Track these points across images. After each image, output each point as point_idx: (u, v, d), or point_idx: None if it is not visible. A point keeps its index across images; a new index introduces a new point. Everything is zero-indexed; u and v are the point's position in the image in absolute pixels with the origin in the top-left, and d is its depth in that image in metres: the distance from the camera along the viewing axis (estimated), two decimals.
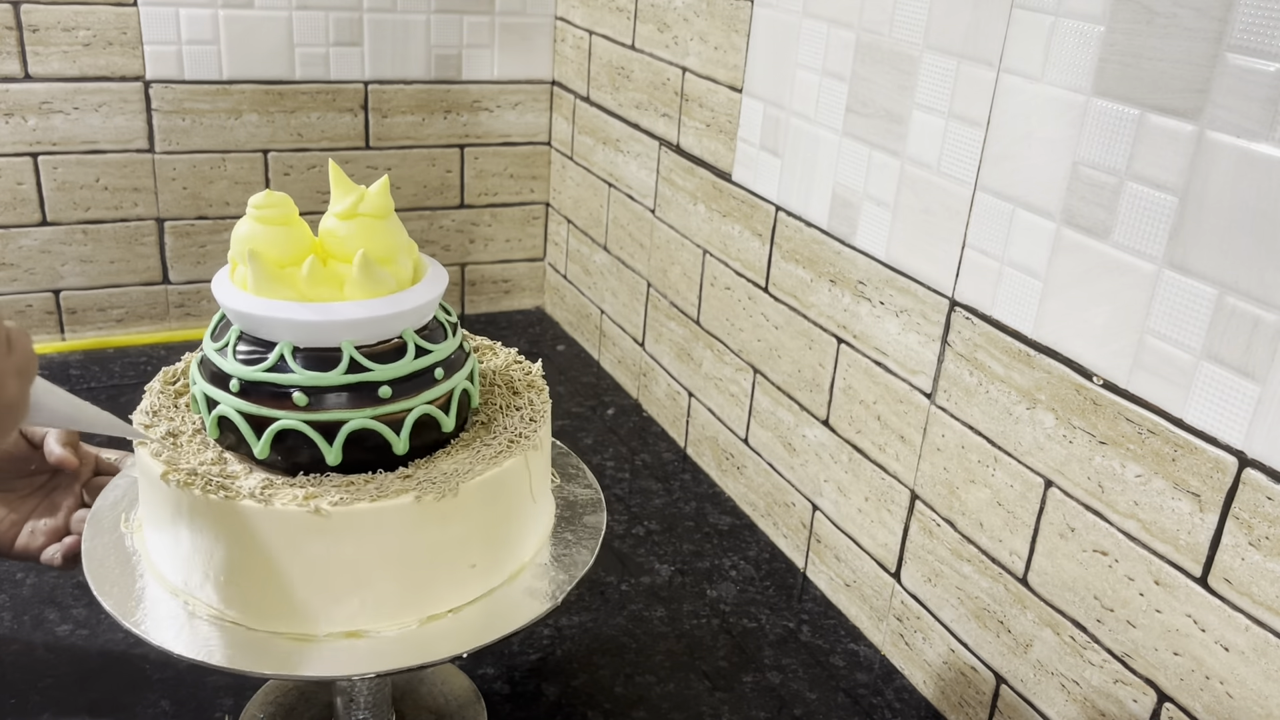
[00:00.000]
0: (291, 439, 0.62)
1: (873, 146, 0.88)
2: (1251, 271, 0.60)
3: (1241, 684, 0.63)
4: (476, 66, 1.43)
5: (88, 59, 1.26)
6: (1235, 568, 0.62)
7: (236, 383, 0.63)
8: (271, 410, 0.62)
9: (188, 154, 1.34)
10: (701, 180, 1.14)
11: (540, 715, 0.84)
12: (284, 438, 0.62)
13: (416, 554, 0.63)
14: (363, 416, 0.62)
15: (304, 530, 0.60)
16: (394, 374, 0.63)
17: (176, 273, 1.39)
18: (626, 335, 1.35)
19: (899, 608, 0.91)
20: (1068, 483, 0.73)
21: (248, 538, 0.61)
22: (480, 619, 0.65)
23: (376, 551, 0.62)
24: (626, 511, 1.11)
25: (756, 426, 1.09)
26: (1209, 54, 0.61)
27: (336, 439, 0.62)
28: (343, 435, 0.62)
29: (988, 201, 0.77)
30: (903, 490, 0.89)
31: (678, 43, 1.15)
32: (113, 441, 0.82)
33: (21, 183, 1.28)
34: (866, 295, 0.91)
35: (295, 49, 1.34)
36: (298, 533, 0.60)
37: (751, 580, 1.02)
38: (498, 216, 1.53)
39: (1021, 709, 0.79)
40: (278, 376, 0.62)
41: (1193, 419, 0.64)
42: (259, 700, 0.80)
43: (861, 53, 0.87)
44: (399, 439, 0.63)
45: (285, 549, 0.61)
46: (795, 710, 0.87)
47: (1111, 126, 0.67)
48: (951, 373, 0.82)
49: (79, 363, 1.32)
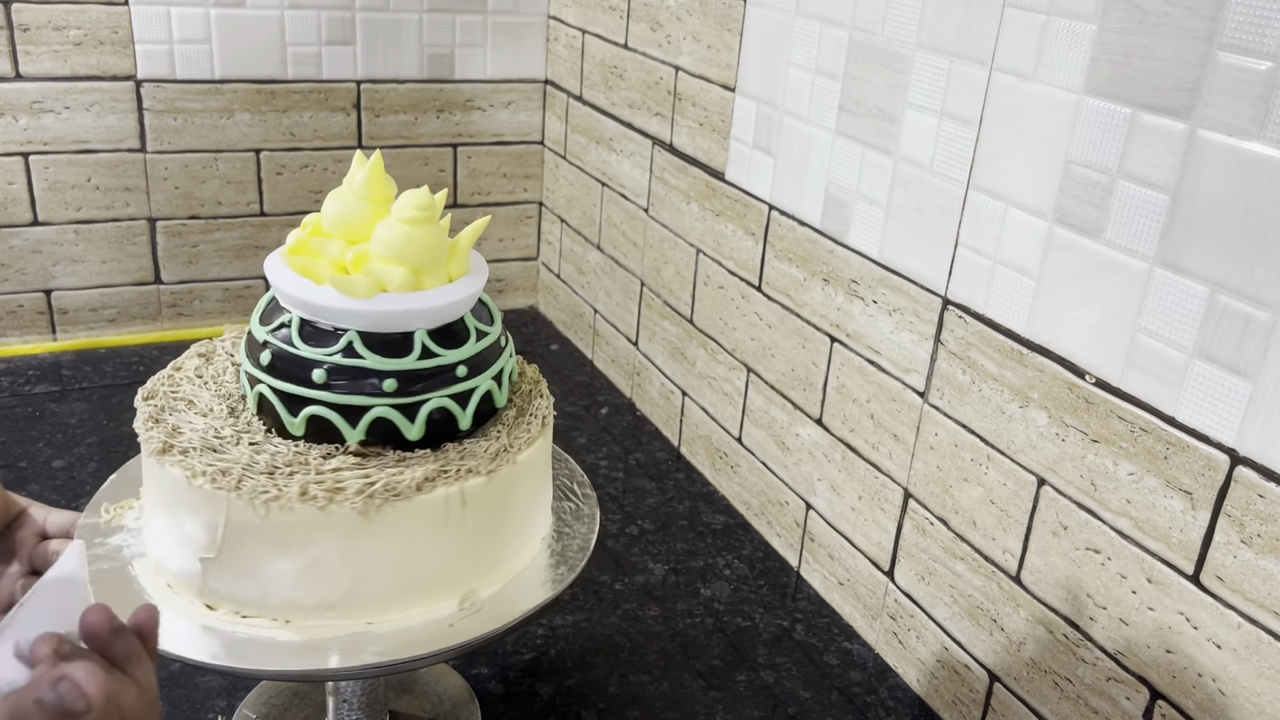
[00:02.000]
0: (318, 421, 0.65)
1: (865, 145, 0.88)
2: (1243, 270, 0.60)
3: (1234, 681, 0.63)
4: (469, 65, 1.43)
5: (79, 58, 1.25)
6: (1227, 565, 0.63)
7: (322, 373, 0.64)
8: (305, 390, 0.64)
9: (179, 153, 1.33)
10: (695, 179, 1.14)
11: (534, 715, 0.84)
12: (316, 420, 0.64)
13: (403, 556, 0.63)
14: (440, 396, 0.64)
15: (296, 526, 0.60)
16: (460, 357, 0.65)
17: (168, 273, 1.39)
18: (620, 334, 1.35)
19: (892, 606, 0.92)
20: (1060, 481, 0.73)
21: (245, 531, 0.61)
22: (474, 618, 0.65)
23: (339, 552, 0.62)
24: (620, 511, 1.11)
25: (750, 425, 1.09)
26: (1200, 52, 0.61)
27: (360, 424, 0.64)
28: (366, 419, 0.64)
29: (980, 200, 0.77)
30: (896, 489, 0.89)
31: (670, 42, 1.15)
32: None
33: (12, 182, 1.27)
34: (859, 294, 0.91)
35: (287, 48, 1.33)
36: (295, 528, 0.60)
37: (745, 579, 1.02)
38: (491, 216, 1.53)
39: (1014, 707, 0.80)
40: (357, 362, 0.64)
41: (1185, 417, 0.64)
42: (251, 700, 0.80)
43: (854, 52, 0.87)
44: (412, 426, 0.65)
45: (282, 544, 0.61)
46: (789, 709, 0.87)
47: (1103, 125, 0.67)
48: (944, 371, 0.82)
49: (71, 363, 1.32)
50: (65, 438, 1.14)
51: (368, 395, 0.63)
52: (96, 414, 1.20)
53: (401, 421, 0.64)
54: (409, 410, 0.64)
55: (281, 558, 0.61)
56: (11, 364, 1.30)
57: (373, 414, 0.64)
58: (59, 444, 1.13)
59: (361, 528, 0.61)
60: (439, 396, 0.65)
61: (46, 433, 1.15)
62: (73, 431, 1.16)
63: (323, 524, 0.61)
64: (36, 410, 1.19)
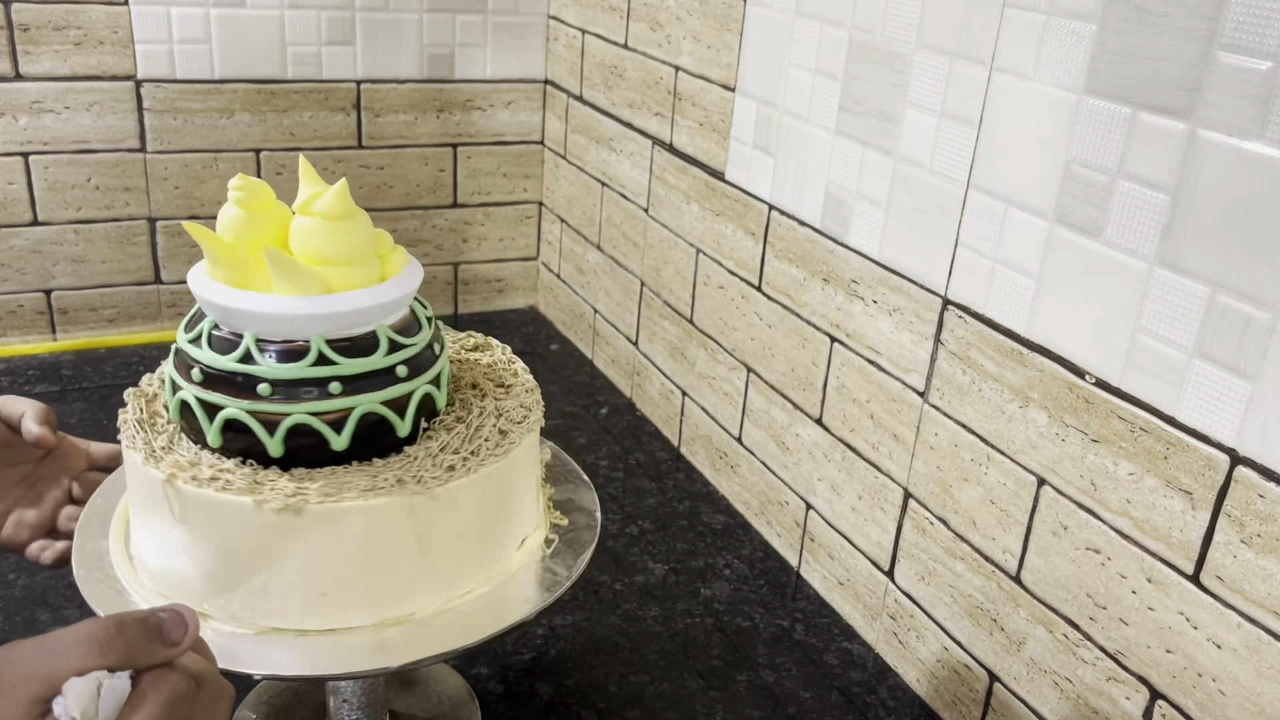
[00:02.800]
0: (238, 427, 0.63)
1: (865, 145, 0.88)
2: (1243, 269, 0.60)
3: (1234, 681, 0.63)
4: (469, 65, 1.43)
5: (79, 58, 1.25)
6: (1227, 565, 0.63)
7: (199, 370, 0.63)
8: (224, 398, 0.62)
9: (179, 153, 1.33)
10: (694, 179, 1.14)
11: (534, 715, 0.84)
12: (232, 426, 0.63)
13: (369, 555, 0.62)
14: (301, 411, 0.62)
15: (268, 527, 0.60)
16: (285, 375, 0.62)
17: (168, 272, 1.39)
18: (620, 334, 1.35)
19: (892, 606, 0.92)
20: (1060, 481, 0.73)
21: (227, 533, 0.61)
22: (473, 618, 0.65)
23: (334, 551, 0.61)
24: (620, 511, 1.11)
25: (750, 425, 1.09)
26: (1200, 52, 0.61)
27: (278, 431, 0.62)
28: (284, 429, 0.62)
29: (980, 200, 0.77)
30: (896, 489, 0.89)
31: (670, 42, 1.15)
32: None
33: (12, 182, 1.27)
34: (859, 294, 0.91)
35: (287, 48, 1.33)
36: (270, 529, 0.60)
37: (745, 579, 1.02)
38: (491, 216, 1.53)
39: (1014, 707, 0.80)
40: (245, 367, 0.62)
41: (1185, 417, 0.64)
42: (251, 700, 0.80)
43: (854, 51, 0.87)
44: (339, 437, 0.63)
45: (261, 545, 0.61)
46: (789, 709, 0.87)
47: (1103, 125, 0.67)
48: (944, 371, 0.82)
49: (71, 363, 1.32)
50: None
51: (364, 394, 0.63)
52: (96, 414, 1.20)
53: (394, 418, 0.64)
54: (399, 406, 0.64)
55: (276, 561, 0.61)
56: (11, 364, 1.30)
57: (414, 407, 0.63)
58: None
59: (360, 527, 0.61)
60: (425, 385, 0.65)
61: None
62: (72, 431, 1.15)
63: (319, 524, 0.61)
64: None
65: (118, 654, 0.46)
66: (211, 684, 0.49)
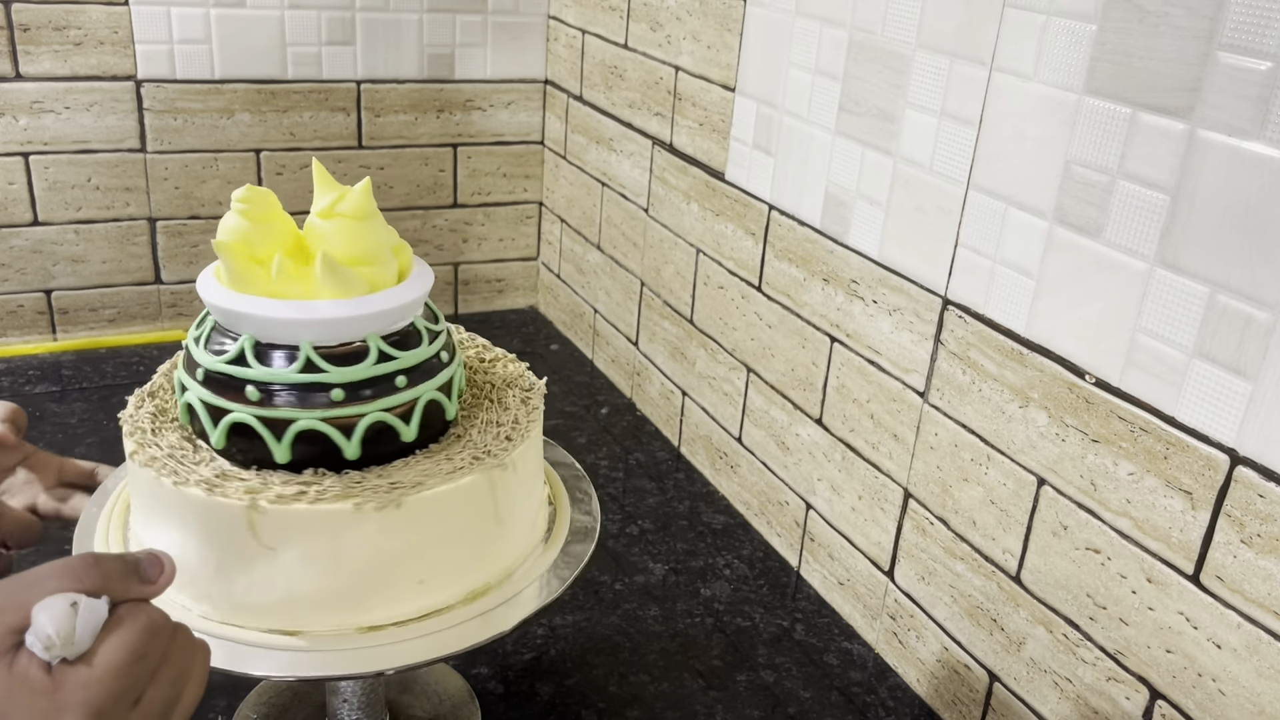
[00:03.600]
0: (246, 432, 0.62)
1: (865, 145, 0.88)
2: (1243, 269, 0.60)
3: (1234, 681, 0.63)
4: (469, 66, 1.43)
5: (79, 58, 1.25)
6: (1227, 565, 0.63)
7: (202, 372, 0.63)
8: (228, 402, 0.62)
9: (180, 153, 1.33)
10: (694, 179, 1.14)
11: (534, 715, 0.84)
12: (240, 431, 0.62)
13: (352, 559, 0.62)
14: (311, 417, 0.62)
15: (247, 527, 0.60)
16: (349, 377, 0.62)
17: (169, 273, 1.39)
18: (620, 334, 1.35)
19: (892, 606, 0.92)
20: (1060, 481, 0.73)
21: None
22: (472, 619, 0.65)
23: (314, 553, 0.61)
24: (620, 511, 1.11)
25: (750, 425, 1.09)
26: (1200, 52, 0.61)
27: (285, 436, 0.62)
28: (291, 434, 0.62)
29: (980, 200, 0.77)
30: (896, 489, 0.89)
31: (670, 42, 1.15)
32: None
33: (13, 182, 1.27)
34: (859, 294, 0.91)
35: (287, 48, 1.33)
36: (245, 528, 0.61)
37: (745, 579, 1.02)
38: (491, 216, 1.53)
39: (1014, 707, 0.80)
40: (235, 369, 0.62)
41: (1185, 417, 0.64)
42: (252, 701, 0.80)
43: (854, 52, 0.87)
44: (349, 443, 0.62)
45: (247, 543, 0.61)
46: (789, 709, 0.87)
47: (1103, 125, 0.67)
48: (944, 371, 0.82)
49: (71, 363, 1.32)
50: (65, 438, 1.14)
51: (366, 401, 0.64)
52: (96, 414, 1.20)
53: (400, 425, 0.64)
54: (345, 426, 0.64)
55: (277, 559, 0.61)
56: (11, 364, 1.30)
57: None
58: (59, 444, 1.13)
59: (361, 527, 0.61)
60: (431, 391, 0.65)
61: (46, 433, 1.15)
62: (73, 431, 1.16)
63: (413, 514, 0.61)
64: (37, 410, 1.19)
65: (94, 583, 0.46)
66: (189, 633, 0.50)
